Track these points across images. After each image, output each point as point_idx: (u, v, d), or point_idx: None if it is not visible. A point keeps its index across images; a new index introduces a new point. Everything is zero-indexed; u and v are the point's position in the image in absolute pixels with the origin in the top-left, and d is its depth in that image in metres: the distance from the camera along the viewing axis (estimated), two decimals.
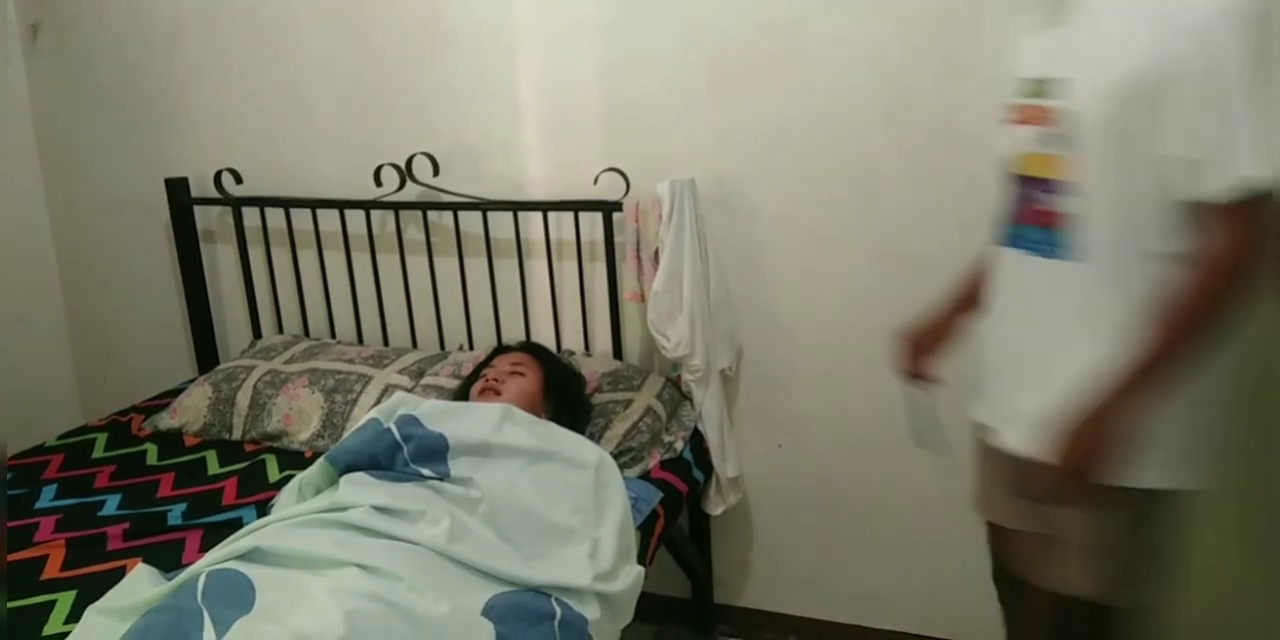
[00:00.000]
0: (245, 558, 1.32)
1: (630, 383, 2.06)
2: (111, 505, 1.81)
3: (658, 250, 1.97)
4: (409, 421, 1.61)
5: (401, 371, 2.14)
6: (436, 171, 2.23)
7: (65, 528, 1.71)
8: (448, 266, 2.29)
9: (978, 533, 2.12)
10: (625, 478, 1.73)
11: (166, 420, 2.19)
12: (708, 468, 2.07)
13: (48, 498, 1.85)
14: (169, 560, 1.55)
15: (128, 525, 1.70)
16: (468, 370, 2.06)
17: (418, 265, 2.32)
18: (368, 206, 2.28)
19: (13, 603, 1.46)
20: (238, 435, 2.13)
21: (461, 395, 1.93)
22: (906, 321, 1.55)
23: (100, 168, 2.62)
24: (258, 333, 2.52)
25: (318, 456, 1.64)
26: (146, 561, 1.50)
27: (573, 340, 2.26)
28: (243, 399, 2.15)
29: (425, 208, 2.25)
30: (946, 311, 1.52)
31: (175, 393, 2.34)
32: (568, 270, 2.20)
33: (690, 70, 2.03)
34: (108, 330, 2.75)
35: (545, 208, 2.13)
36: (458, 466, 1.56)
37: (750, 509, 2.25)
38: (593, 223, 2.12)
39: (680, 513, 1.99)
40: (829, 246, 2.03)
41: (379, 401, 2.01)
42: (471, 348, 2.32)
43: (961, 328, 1.50)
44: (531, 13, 2.12)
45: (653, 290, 1.97)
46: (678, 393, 2.11)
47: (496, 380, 1.86)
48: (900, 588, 2.19)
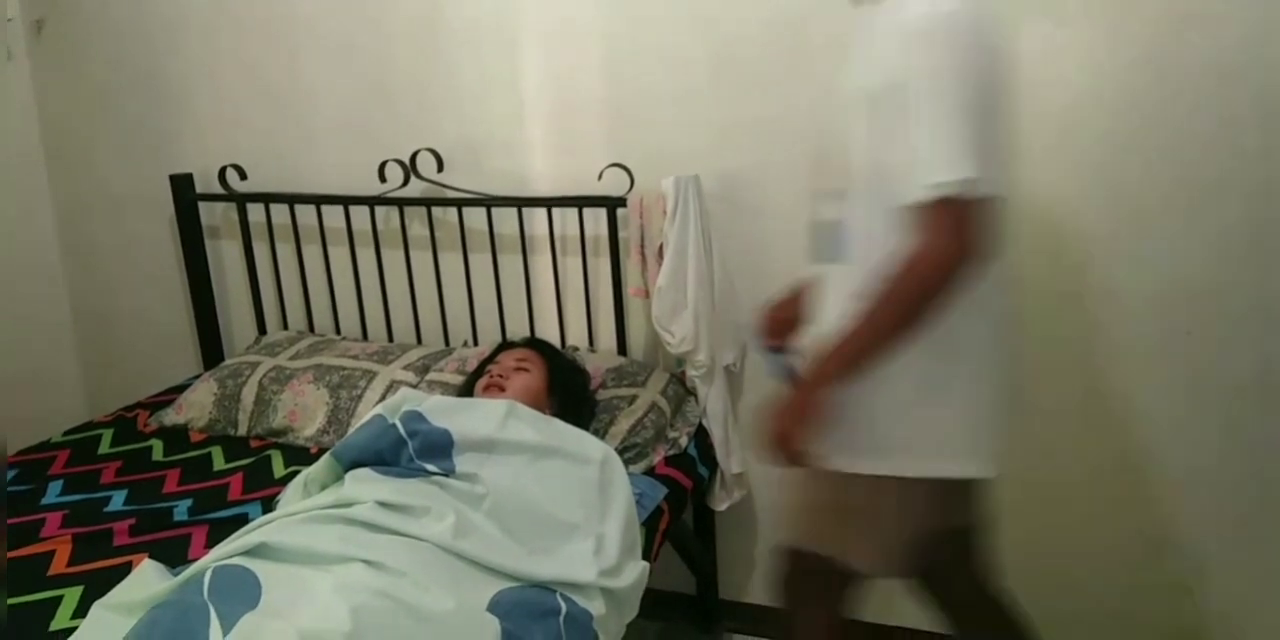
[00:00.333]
0: (251, 553, 1.32)
1: (635, 379, 2.06)
2: (117, 501, 1.82)
3: (662, 246, 1.96)
4: (414, 417, 1.61)
5: (406, 367, 2.14)
6: (441, 167, 2.24)
7: (71, 523, 1.72)
8: (452, 262, 2.29)
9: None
10: (630, 474, 1.73)
11: (172, 416, 2.19)
12: (712, 463, 2.07)
13: (54, 493, 1.85)
14: (175, 556, 1.55)
15: (134, 521, 1.70)
16: (472, 366, 2.06)
17: (422, 261, 2.32)
18: (372, 202, 2.28)
19: (19, 598, 1.47)
20: (243, 431, 2.14)
21: (466, 391, 1.93)
22: (771, 298, 1.61)
23: (105, 164, 2.62)
24: (263, 329, 2.53)
25: (323, 452, 1.64)
26: (152, 557, 1.50)
27: (577, 336, 2.26)
28: (248, 395, 2.15)
29: (429, 203, 2.25)
30: (803, 291, 1.55)
31: (181, 389, 2.34)
32: (572, 266, 2.20)
33: (695, 66, 2.02)
34: (113, 326, 2.75)
35: (549, 203, 2.13)
36: (463, 462, 1.56)
37: (755, 505, 2.25)
38: (597, 219, 2.12)
39: (685, 508, 1.99)
40: None
41: (384, 397, 2.01)
42: (476, 343, 2.33)
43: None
44: (535, 8, 2.12)
45: (657, 286, 1.96)
46: (682, 389, 2.11)
47: (501, 376, 1.86)
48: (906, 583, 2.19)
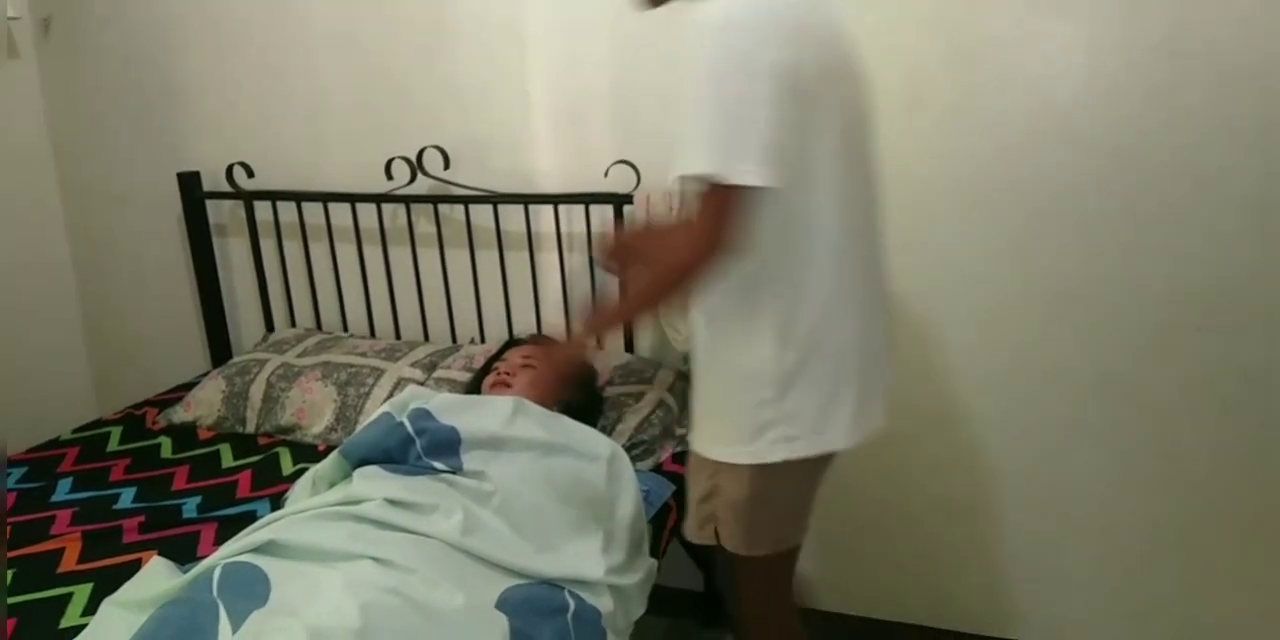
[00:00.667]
0: (260, 551, 1.32)
1: (642, 376, 2.06)
2: (127, 498, 1.82)
3: None
4: (421, 415, 1.61)
5: (414, 365, 2.14)
6: (447, 165, 2.24)
7: (81, 521, 1.72)
8: (459, 259, 2.29)
9: (990, 524, 2.12)
10: (637, 471, 1.73)
11: (180, 414, 2.20)
12: None
13: (63, 491, 1.86)
14: (184, 553, 1.55)
15: (143, 518, 1.71)
16: (479, 363, 2.06)
17: (429, 258, 2.32)
18: (379, 200, 2.28)
19: (30, 595, 1.47)
20: (251, 428, 2.14)
21: (473, 388, 1.93)
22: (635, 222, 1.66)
23: (113, 162, 2.62)
24: (270, 326, 2.53)
25: (331, 450, 1.64)
26: (162, 554, 1.50)
27: None
28: (256, 392, 2.16)
29: (436, 201, 2.25)
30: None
31: (189, 386, 2.35)
32: (579, 263, 2.20)
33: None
34: (121, 324, 2.76)
35: (556, 200, 2.13)
36: (470, 460, 1.56)
37: None
38: (603, 215, 2.12)
39: None
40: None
41: (391, 395, 2.02)
42: (483, 341, 2.33)
43: None
44: (541, 5, 2.11)
45: None
46: (689, 386, 2.11)
47: (508, 373, 1.86)
48: (912, 580, 2.19)
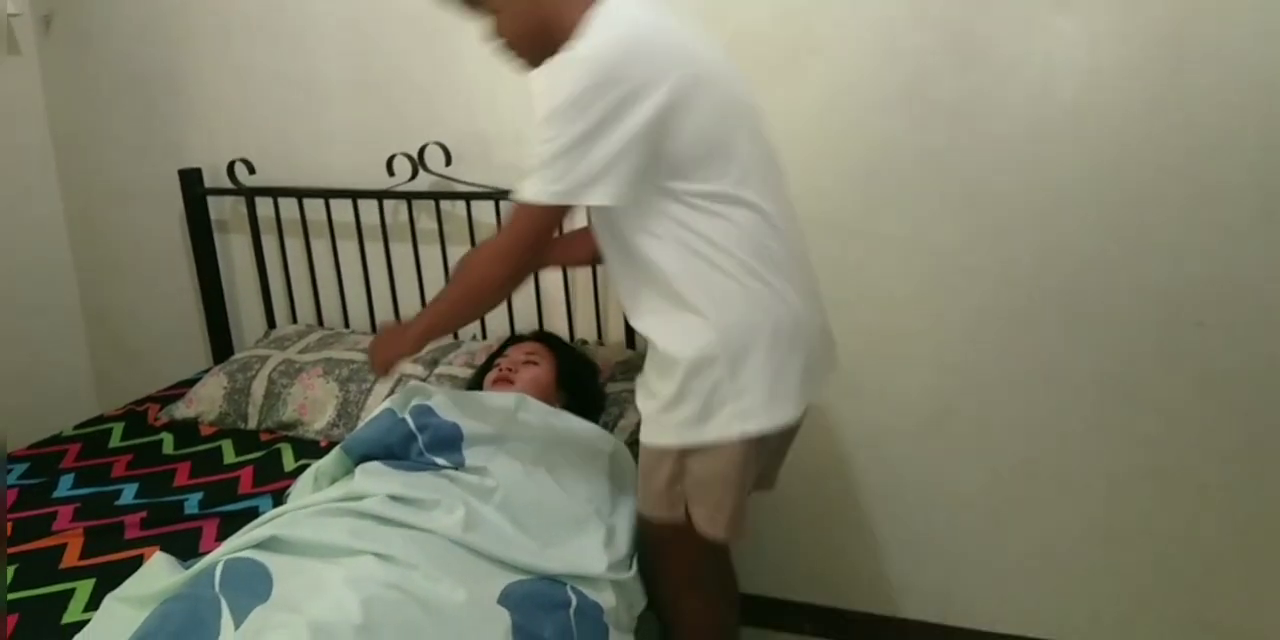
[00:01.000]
0: (262, 546, 1.32)
1: None
2: (129, 494, 1.83)
3: None
4: (423, 411, 1.61)
5: (415, 361, 2.14)
6: (449, 161, 2.23)
7: (83, 516, 1.72)
8: (460, 256, 2.28)
9: (994, 519, 2.12)
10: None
11: (182, 410, 2.20)
12: None
13: (65, 487, 1.86)
14: (186, 549, 1.55)
15: (145, 514, 1.71)
16: (481, 359, 2.06)
17: (431, 255, 2.32)
18: (380, 196, 2.28)
19: (32, 591, 1.48)
20: (253, 425, 2.14)
21: (475, 384, 1.93)
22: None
23: (114, 158, 2.62)
24: (272, 322, 2.53)
25: (333, 446, 1.64)
26: (164, 550, 1.50)
27: (586, 329, 2.26)
28: (258, 388, 2.16)
29: (438, 197, 2.25)
30: (577, 242, 1.71)
31: (191, 382, 2.35)
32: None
33: None
34: (123, 320, 2.76)
35: None
36: (472, 456, 1.56)
37: (764, 497, 2.24)
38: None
39: None
40: (843, 235, 2.01)
41: (393, 391, 2.02)
42: (485, 337, 2.33)
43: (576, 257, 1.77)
44: None
45: None
46: None
47: (510, 369, 1.86)
48: (916, 575, 2.19)
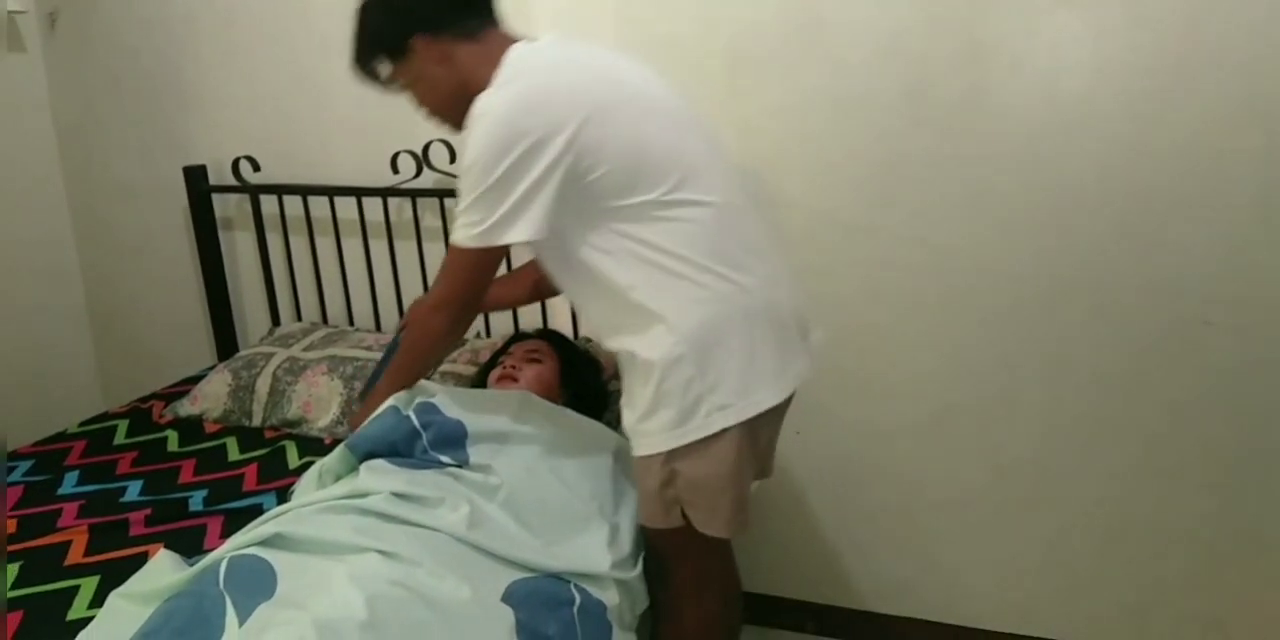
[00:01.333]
0: (267, 544, 1.32)
1: None
2: (133, 491, 1.83)
3: None
4: (427, 409, 1.61)
5: None
6: (453, 158, 2.23)
7: (88, 514, 1.73)
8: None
9: (997, 518, 2.12)
10: None
11: (187, 407, 2.20)
12: None
13: (70, 484, 1.86)
14: (191, 546, 1.56)
15: (149, 511, 1.71)
16: (485, 357, 2.06)
17: (435, 252, 2.32)
18: (385, 194, 2.28)
19: (36, 588, 1.48)
20: (258, 422, 2.14)
21: (479, 382, 1.93)
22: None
23: (118, 156, 2.63)
24: (276, 320, 2.53)
25: (337, 443, 1.64)
26: (168, 547, 1.50)
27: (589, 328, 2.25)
28: (262, 386, 2.16)
29: (442, 195, 2.24)
30: (515, 281, 1.86)
31: (195, 380, 2.35)
32: None
33: (709, 55, 2.00)
34: (128, 318, 2.76)
35: None
36: (476, 453, 1.56)
37: (767, 495, 2.24)
38: None
39: None
40: (851, 232, 2.01)
41: None
42: (489, 335, 2.33)
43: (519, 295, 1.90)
44: None
45: None
46: None
47: (514, 367, 1.86)
48: (919, 574, 2.19)
